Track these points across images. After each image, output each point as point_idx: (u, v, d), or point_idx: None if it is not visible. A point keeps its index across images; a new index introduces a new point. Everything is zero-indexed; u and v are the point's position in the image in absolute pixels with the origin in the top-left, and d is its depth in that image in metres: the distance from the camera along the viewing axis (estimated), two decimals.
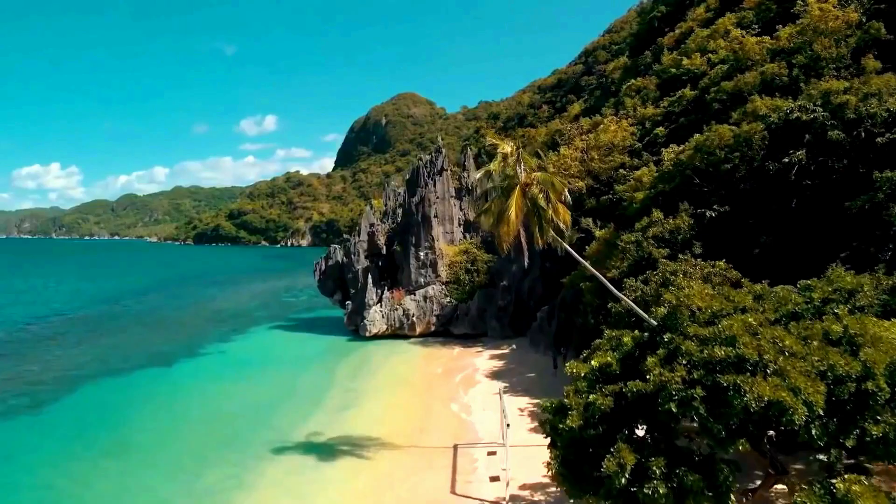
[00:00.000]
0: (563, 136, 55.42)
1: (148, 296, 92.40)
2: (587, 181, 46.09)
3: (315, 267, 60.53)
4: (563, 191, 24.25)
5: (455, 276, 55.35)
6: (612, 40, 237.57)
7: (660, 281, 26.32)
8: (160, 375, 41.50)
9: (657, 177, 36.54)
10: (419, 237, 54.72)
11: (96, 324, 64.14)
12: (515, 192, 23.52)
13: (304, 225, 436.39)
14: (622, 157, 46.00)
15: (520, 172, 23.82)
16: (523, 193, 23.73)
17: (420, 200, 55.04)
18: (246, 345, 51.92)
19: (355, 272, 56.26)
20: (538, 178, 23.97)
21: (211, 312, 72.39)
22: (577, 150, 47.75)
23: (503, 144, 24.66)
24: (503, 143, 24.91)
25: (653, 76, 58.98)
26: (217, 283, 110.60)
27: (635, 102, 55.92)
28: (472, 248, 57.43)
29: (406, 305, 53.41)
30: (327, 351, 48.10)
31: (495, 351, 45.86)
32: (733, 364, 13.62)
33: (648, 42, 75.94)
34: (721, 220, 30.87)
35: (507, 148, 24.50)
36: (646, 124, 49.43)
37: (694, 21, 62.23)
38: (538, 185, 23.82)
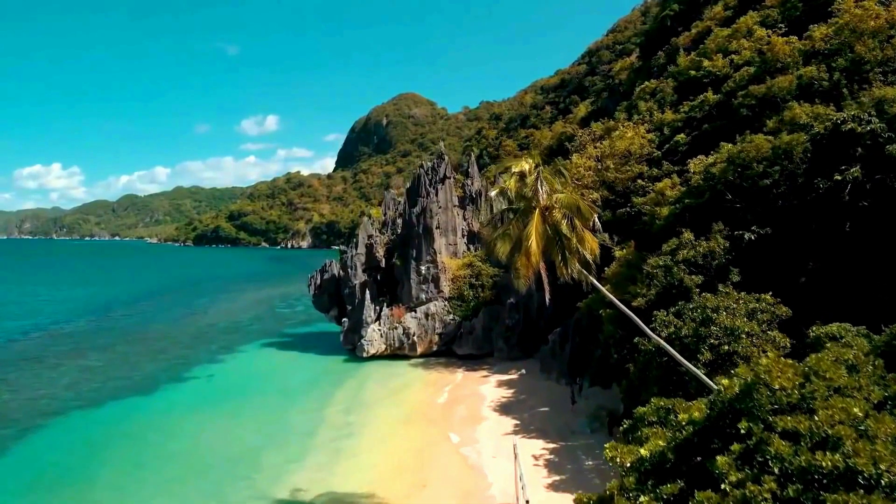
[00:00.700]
0: (574, 141, 51.93)
1: (139, 305, 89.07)
2: (602, 192, 42.63)
3: (310, 281, 57.10)
4: (592, 217, 20.80)
5: (458, 292, 51.94)
6: (616, 40, 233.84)
7: (699, 319, 22.81)
8: (136, 408, 38.03)
9: (685, 191, 33.01)
10: (420, 250, 51.28)
11: (80, 340, 60.73)
12: (535, 217, 20.09)
13: (305, 226, 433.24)
14: (640, 166, 42.53)
15: (540, 194, 20.39)
16: (544, 218, 20.31)
17: (421, 211, 51.60)
18: (234, 367, 48.49)
19: (352, 287, 52.84)
20: (561, 200, 20.55)
21: (202, 327, 68.95)
22: (591, 159, 44.28)
23: (520, 163, 21.27)
24: (520, 162, 21.51)
25: (668, 78, 55.46)
26: (211, 292, 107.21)
27: (650, 106, 52.43)
28: (477, 261, 54.01)
29: (406, 323, 49.97)
30: (321, 376, 44.66)
31: (503, 376, 42.40)
32: (841, 477, 10.27)
33: (660, 42, 72.38)
34: (761, 243, 27.40)
35: (524, 165, 21.10)
36: (664, 130, 45.95)
37: (711, 20, 58.71)
38: (561, 210, 20.40)
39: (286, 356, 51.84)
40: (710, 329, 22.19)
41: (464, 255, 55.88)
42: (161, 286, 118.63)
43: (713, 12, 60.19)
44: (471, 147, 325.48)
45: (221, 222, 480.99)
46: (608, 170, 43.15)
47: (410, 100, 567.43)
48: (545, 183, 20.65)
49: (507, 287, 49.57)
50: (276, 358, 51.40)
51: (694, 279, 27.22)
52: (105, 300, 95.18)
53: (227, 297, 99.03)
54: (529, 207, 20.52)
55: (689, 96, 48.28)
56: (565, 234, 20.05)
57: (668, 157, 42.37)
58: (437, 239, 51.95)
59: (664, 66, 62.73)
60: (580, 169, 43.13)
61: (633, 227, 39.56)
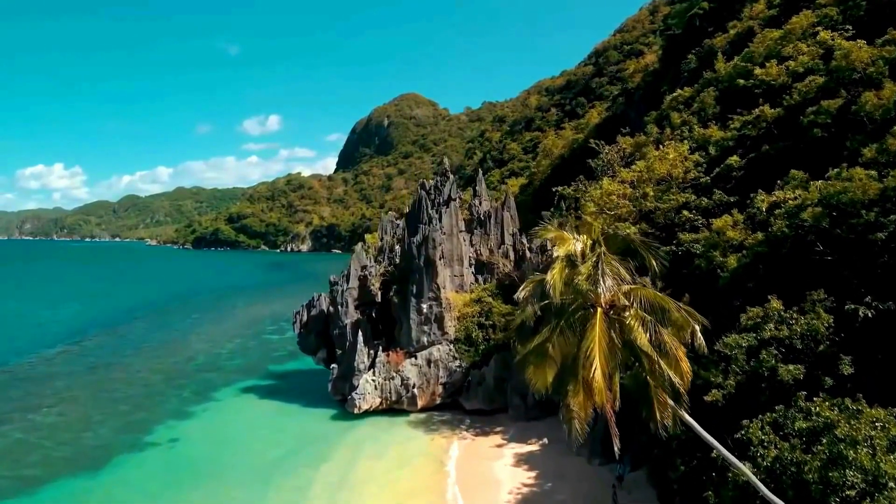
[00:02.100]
0: (599, 160, 44.86)
1: (118, 330, 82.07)
2: (641, 225, 35.60)
3: (294, 318, 50.05)
4: (690, 326, 13.67)
5: (466, 333, 44.92)
6: (625, 40, 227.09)
7: (826, 456, 15.77)
8: (78, 493, 31.12)
9: (762, 240, 25.85)
10: (421, 286, 44.23)
11: (37, 384, 53.68)
12: (596, 323, 13.06)
13: (305, 229, 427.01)
14: (685, 194, 35.45)
15: (602, 290, 13.37)
16: (608, 325, 13.30)
17: (423, 240, 44.54)
18: (204, 426, 41.48)
19: (342, 327, 45.80)
20: (639, 295, 13.52)
21: (178, 361, 61.94)
22: (625, 184, 37.23)
23: (566, 240, 14.28)
24: (567, 238, 14.49)
25: (709, 87, 48.36)
26: (198, 309, 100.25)
27: (688, 119, 45.34)
28: (486, 295, 46.98)
29: (405, 372, 42.95)
30: (304, 443, 37.54)
31: (521, 447, 35.33)
32: None
33: (688, 44, 65.30)
34: (881, 321, 20.37)
35: (575, 244, 14.13)
36: (709, 149, 38.88)
37: (753, 20, 51.63)
38: (638, 313, 13.38)
39: (267, 409, 44.76)
40: (844, 473, 15.19)
41: (471, 288, 48.87)
42: (147, 301, 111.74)
43: (754, 11, 53.09)
44: (473, 149, 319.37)
45: (221, 225, 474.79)
46: (646, 198, 36.09)
47: (412, 100, 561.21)
48: (609, 268, 13.60)
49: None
50: (255, 412, 44.32)
51: (791, 370, 20.15)
52: (84, 321, 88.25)
53: (214, 317, 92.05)
54: (585, 307, 13.55)
55: (736, 109, 41.22)
56: (646, 351, 13.02)
57: (720, 184, 35.32)
58: (440, 272, 44.90)
59: (697, 71, 55.69)
60: (613, 197, 36.07)
61: (683, 272, 32.53)
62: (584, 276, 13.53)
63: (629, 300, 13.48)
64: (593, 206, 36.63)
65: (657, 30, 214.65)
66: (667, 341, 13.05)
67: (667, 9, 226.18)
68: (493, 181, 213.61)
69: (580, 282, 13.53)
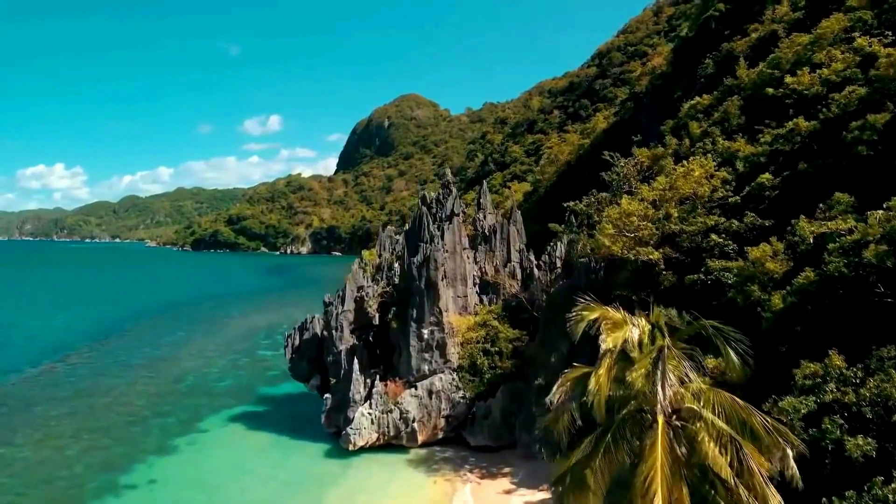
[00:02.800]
0: (615, 174, 41.57)
1: (106, 343, 79.02)
2: (665, 249, 32.37)
3: (286, 341, 46.87)
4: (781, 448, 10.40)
5: (470, 360, 41.71)
6: (628, 41, 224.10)
7: None
8: None
9: (814, 279, 22.56)
10: (422, 309, 41.00)
11: (19, 410, 50.45)
12: (657, 440, 9.85)
13: (305, 231, 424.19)
14: (713, 217, 32.20)
15: (662, 395, 10.14)
16: (673, 441, 10.08)
17: (424, 261, 41.30)
18: (186, 465, 38.19)
19: (337, 354, 42.58)
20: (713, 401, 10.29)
21: (167, 381, 58.77)
22: (646, 203, 33.98)
23: (619, 324, 11.09)
24: (618, 324, 11.28)
25: (733, 96, 45.14)
26: (191, 321, 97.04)
27: (710, 129, 42.08)
28: (492, 318, 43.77)
29: (404, 404, 39.71)
30: (292, 486, 34.26)
31: (532, 494, 32.14)
32: None
33: (703, 47, 62.03)
34: None
35: (630, 330, 10.93)
36: (736, 164, 35.62)
37: (776, 23, 48.36)
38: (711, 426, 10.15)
39: (255, 443, 41.47)
40: None
41: (475, 310, 45.68)
42: (140, 310, 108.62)
43: (776, 13, 49.82)
44: (475, 151, 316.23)
45: (220, 226, 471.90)
46: (670, 219, 32.85)
47: (412, 101, 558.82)
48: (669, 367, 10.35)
49: (531, 360, 39.33)
50: (243, 446, 41.04)
51: (860, 444, 16.91)
52: (75, 333, 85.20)
53: (207, 330, 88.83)
54: (641, 414, 10.36)
55: (764, 120, 37.99)
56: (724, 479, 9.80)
57: (751, 205, 32.07)
58: (442, 294, 41.67)
59: (715, 76, 52.44)
60: (633, 218, 32.82)
61: (713, 304, 29.32)
62: (640, 373, 10.35)
63: (700, 406, 10.32)
64: (611, 227, 33.38)
65: (661, 31, 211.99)
66: (753, 469, 9.86)
67: (671, 10, 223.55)
68: (496, 184, 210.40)
69: (636, 380, 10.34)
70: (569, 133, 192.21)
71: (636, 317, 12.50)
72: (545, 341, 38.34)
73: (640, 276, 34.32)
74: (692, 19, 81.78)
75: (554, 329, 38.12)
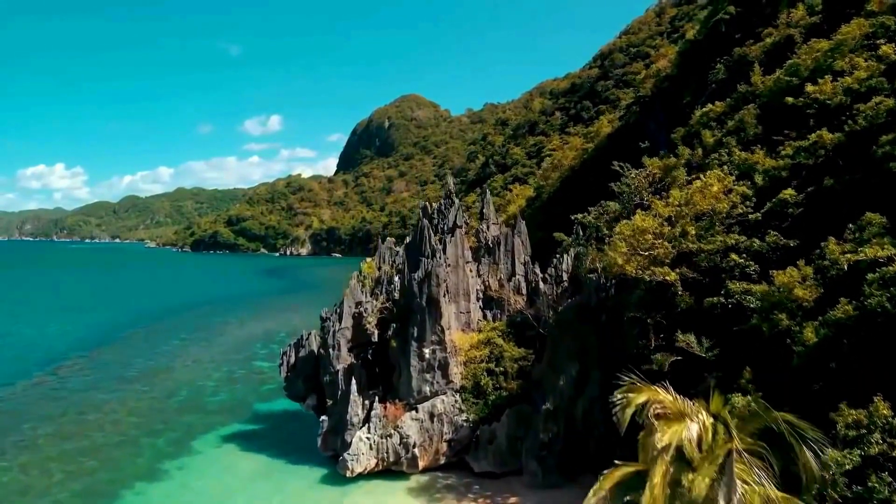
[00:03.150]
0: (626, 185, 39.69)
1: (103, 353, 77.20)
2: (682, 269, 30.49)
3: (281, 359, 45.01)
4: None
5: (474, 380, 39.84)
6: (631, 42, 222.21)
7: None
8: None
9: (850, 316, 20.66)
10: (423, 328, 39.12)
11: (5, 429, 48.58)
12: None
13: (304, 233, 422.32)
14: (732, 235, 30.33)
15: None
16: None
17: (425, 277, 39.43)
18: (176, 491, 36.27)
19: (334, 374, 40.72)
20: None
21: (159, 397, 56.93)
22: (660, 220, 32.11)
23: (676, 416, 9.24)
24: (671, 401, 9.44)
25: (743, 101, 43.32)
26: (187, 328, 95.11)
27: (726, 139, 40.22)
28: (496, 335, 41.91)
29: (405, 428, 37.85)
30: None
31: None
32: None
33: (712, 51, 60.17)
34: None
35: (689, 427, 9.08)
36: (755, 177, 33.76)
37: (792, 28, 46.48)
38: None
39: (248, 467, 39.56)
40: None
41: (479, 326, 43.84)
42: (137, 317, 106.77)
43: (792, 17, 47.93)
44: (476, 153, 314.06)
45: (220, 227, 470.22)
46: (686, 237, 30.99)
47: (413, 101, 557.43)
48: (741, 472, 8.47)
49: (539, 383, 37.44)
50: (235, 470, 39.12)
51: None
52: (69, 342, 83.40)
53: (203, 338, 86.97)
54: None
55: (783, 130, 36.13)
56: None
57: (773, 222, 30.21)
58: (444, 311, 39.77)
59: (727, 82, 50.57)
60: (648, 236, 30.95)
61: (734, 329, 27.51)
62: (704, 482, 8.49)
63: None
64: (624, 244, 31.51)
65: (664, 32, 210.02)
66: None
67: (674, 10, 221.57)
68: (497, 187, 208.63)
69: (697, 486, 8.50)
70: (571, 136, 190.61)
71: (694, 406, 10.63)
72: (553, 363, 36.50)
73: (654, 296, 32.46)
74: (701, 22, 79.85)
75: (562, 350, 36.34)
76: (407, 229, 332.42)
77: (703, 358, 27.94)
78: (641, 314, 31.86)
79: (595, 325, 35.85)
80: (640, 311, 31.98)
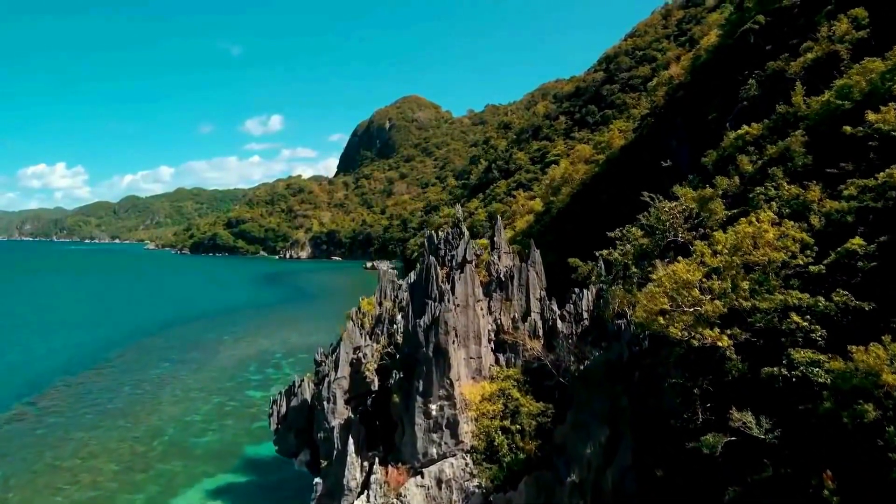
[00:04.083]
0: (662, 224, 35.35)
1: (87, 380, 72.96)
2: (733, 330, 26.17)
3: (271, 408, 40.75)
4: None
5: (486, 438, 35.58)
6: (637, 45, 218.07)
7: None
8: None
9: None
10: (430, 381, 34.87)
11: None
12: None
13: (304, 236, 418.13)
14: (793, 293, 25.96)
15: None
16: None
17: (432, 323, 35.17)
18: None
19: (329, 431, 36.47)
20: None
21: (143, 436, 52.71)
22: (705, 270, 27.76)
23: None
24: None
25: (784, 123, 39.00)
26: (178, 348, 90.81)
27: (768, 169, 35.86)
28: (511, 386, 37.62)
29: (409, 497, 33.61)
30: None
31: None
32: None
33: (740, 64, 55.92)
34: None
35: None
36: (810, 218, 29.43)
37: (838, 43, 42.09)
38: None
39: None
40: None
41: (490, 372, 39.54)
42: (128, 334, 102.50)
43: (835, 31, 43.54)
44: (478, 157, 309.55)
45: (219, 229, 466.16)
46: (738, 291, 26.65)
47: (414, 103, 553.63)
48: None
49: (562, 447, 33.15)
50: None
51: None
52: (54, 365, 79.29)
53: (195, 359, 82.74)
54: None
55: (838, 163, 31.84)
56: None
57: (840, 277, 25.89)
58: (454, 361, 35.52)
59: (761, 100, 46.27)
60: (695, 291, 26.63)
61: (799, 408, 23.26)
62: None
63: None
64: (665, 299, 27.19)
65: (671, 35, 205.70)
66: None
67: (680, 13, 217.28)
68: (500, 192, 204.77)
69: None
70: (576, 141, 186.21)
71: None
72: (578, 425, 32.22)
73: (697, 357, 28.18)
74: (720, 27, 75.61)
75: (588, 412, 32.07)
76: (408, 232, 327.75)
77: (762, 439, 23.70)
78: (684, 380, 27.59)
79: (627, 383, 31.58)
80: (682, 377, 27.71)
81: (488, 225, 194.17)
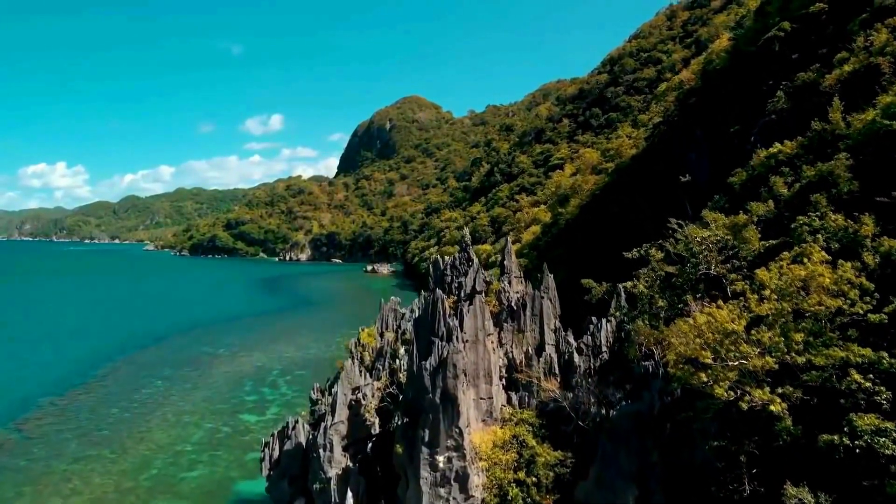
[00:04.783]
0: (695, 258, 32.05)
1: (75, 401, 69.78)
2: (785, 389, 22.98)
3: (262, 452, 37.49)
4: None
5: (499, 492, 32.35)
6: (641, 46, 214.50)
7: None
8: None
9: None
10: (437, 431, 31.62)
11: None
12: None
13: (304, 238, 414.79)
14: (852, 347, 22.72)
15: None
16: None
17: (439, 366, 31.93)
18: None
19: (325, 482, 33.25)
20: None
21: (128, 469, 49.43)
22: (749, 316, 24.54)
23: None
24: None
25: (821, 143, 35.78)
26: (174, 362, 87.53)
27: (810, 196, 32.61)
28: (525, 431, 34.34)
29: None
30: None
31: None
32: None
33: (763, 72, 52.70)
34: None
35: None
36: (864, 257, 26.20)
37: (878, 56, 38.78)
38: None
39: None
40: None
41: (503, 413, 36.28)
42: (121, 345, 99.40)
43: (872, 42, 40.26)
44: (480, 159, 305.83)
45: (219, 231, 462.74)
46: (790, 344, 23.41)
47: (414, 103, 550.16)
48: None
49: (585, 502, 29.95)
50: None
51: None
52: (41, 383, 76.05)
53: (188, 376, 79.53)
54: None
55: (890, 192, 28.60)
56: None
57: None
58: (463, 408, 32.27)
59: (790, 114, 43.06)
60: (742, 345, 23.40)
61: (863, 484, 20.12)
62: None
63: None
64: (707, 351, 23.95)
65: (676, 36, 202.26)
66: None
67: (685, 14, 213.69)
68: (503, 196, 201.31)
69: None
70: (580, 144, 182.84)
71: None
72: (603, 483, 29.06)
73: (740, 414, 24.97)
74: (737, 33, 72.30)
75: (615, 468, 28.91)
76: (408, 234, 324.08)
77: None
78: (725, 442, 24.41)
79: (657, 438, 28.41)
80: (724, 437, 24.54)
81: (491, 230, 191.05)
